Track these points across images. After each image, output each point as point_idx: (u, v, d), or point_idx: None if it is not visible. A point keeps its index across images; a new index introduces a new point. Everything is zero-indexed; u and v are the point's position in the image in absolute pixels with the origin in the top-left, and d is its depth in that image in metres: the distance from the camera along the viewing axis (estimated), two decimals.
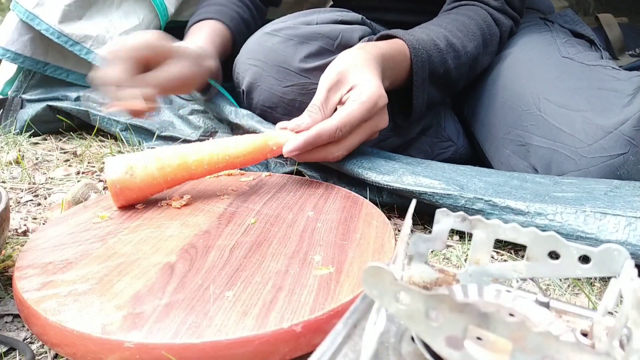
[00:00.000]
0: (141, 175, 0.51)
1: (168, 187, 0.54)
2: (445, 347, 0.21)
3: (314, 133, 0.55)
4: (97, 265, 0.40)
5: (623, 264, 0.26)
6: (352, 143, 0.58)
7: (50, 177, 0.72)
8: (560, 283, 0.47)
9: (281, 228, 0.48)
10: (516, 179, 0.58)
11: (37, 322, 0.35)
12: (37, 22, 0.82)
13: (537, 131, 0.65)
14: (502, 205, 0.51)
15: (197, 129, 0.80)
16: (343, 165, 0.61)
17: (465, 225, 0.29)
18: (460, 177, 0.58)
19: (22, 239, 0.53)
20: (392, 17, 0.87)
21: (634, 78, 0.62)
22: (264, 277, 0.39)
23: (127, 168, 0.51)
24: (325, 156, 0.58)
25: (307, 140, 0.55)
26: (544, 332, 0.19)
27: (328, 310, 0.35)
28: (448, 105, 0.85)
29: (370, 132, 0.59)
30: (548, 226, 0.49)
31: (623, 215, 0.47)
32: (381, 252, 0.44)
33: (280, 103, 0.69)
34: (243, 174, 0.65)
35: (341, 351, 0.24)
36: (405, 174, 0.58)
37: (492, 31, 0.73)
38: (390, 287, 0.21)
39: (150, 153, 0.53)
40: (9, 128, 0.89)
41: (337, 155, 0.58)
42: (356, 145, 0.59)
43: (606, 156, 0.58)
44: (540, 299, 0.28)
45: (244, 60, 0.70)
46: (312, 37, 0.68)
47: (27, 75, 0.91)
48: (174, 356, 0.31)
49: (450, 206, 0.54)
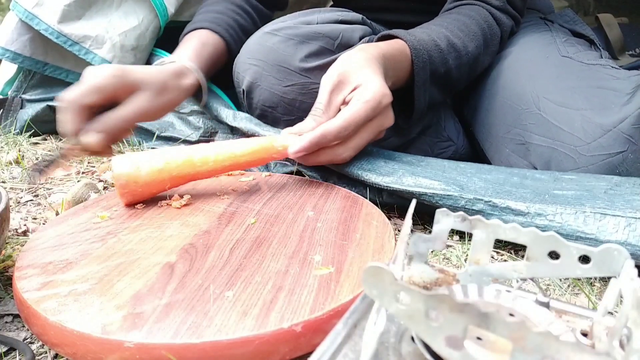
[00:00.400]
0: (147, 171, 0.51)
1: (173, 186, 0.54)
2: (445, 347, 0.21)
3: (319, 133, 0.55)
4: (97, 265, 0.40)
5: (623, 264, 0.26)
6: (358, 143, 0.58)
7: (50, 177, 0.72)
8: (560, 283, 0.48)
9: (281, 228, 0.48)
10: (516, 176, 0.58)
11: (37, 322, 0.35)
12: (37, 22, 0.82)
13: (537, 130, 0.65)
14: (502, 206, 0.51)
15: (197, 129, 0.80)
16: (343, 167, 0.61)
17: (465, 225, 0.29)
18: (460, 176, 0.58)
19: (22, 239, 0.53)
20: (392, 17, 0.87)
21: (633, 77, 0.62)
22: (264, 277, 0.39)
23: (134, 164, 0.51)
24: (333, 158, 0.58)
25: (313, 141, 0.55)
26: (544, 332, 0.19)
27: (328, 310, 0.35)
28: (448, 105, 0.85)
29: (377, 131, 0.59)
30: (548, 227, 0.49)
31: (623, 216, 0.47)
32: (381, 252, 0.44)
33: (281, 103, 0.69)
34: (243, 174, 0.65)
35: (341, 351, 0.24)
36: (405, 175, 0.58)
37: (493, 31, 0.73)
38: (390, 287, 0.21)
39: (156, 151, 0.54)
40: (9, 128, 0.89)
41: (344, 156, 0.58)
42: (363, 145, 0.59)
43: (605, 154, 0.58)
44: (540, 299, 0.28)
45: (244, 59, 0.70)
46: (313, 37, 0.68)
47: (27, 75, 0.90)
48: (174, 356, 0.31)
49: (450, 207, 0.54)
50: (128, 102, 0.58)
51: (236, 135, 0.76)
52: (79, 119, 0.55)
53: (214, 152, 0.55)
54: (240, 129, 0.70)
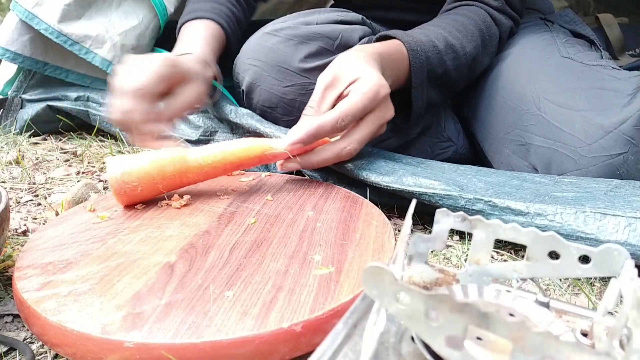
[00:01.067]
0: (137, 174, 0.51)
1: (167, 188, 0.54)
2: (445, 347, 0.21)
3: (315, 124, 0.54)
4: (97, 265, 0.40)
5: (623, 264, 0.26)
6: (361, 135, 0.57)
7: (50, 177, 0.72)
8: (560, 283, 0.48)
9: (281, 228, 0.48)
10: (516, 179, 0.58)
11: (37, 322, 0.35)
12: (37, 21, 0.82)
13: (537, 131, 0.65)
14: (502, 205, 0.51)
15: (197, 128, 0.80)
16: (343, 166, 0.61)
17: (465, 225, 0.29)
18: (460, 177, 0.58)
19: (22, 239, 0.53)
20: (392, 17, 0.87)
21: (634, 78, 0.62)
22: (264, 277, 0.39)
23: (125, 166, 0.51)
24: (338, 153, 0.57)
25: (309, 132, 0.54)
26: (544, 332, 0.19)
27: (328, 310, 0.35)
28: (448, 106, 0.85)
29: (378, 123, 0.58)
30: (548, 227, 0.49)
31: (623, 216, 0.47)
32: (381, 252, 0.44)
33: (280, 103, 0.69)
34: (243, 174, 0.65)
35: (341, 351, 0.24)
36: (405, 174, 0.57)
37: (491, 32, 0.73)
38: (390, 287, 0.21)
39: (149, 153, 0.53)
40: (9, 128, 0.90)
41: (349, 149, 0.57)
42: (367, 139, 0.58)
43: (606, 155, 0.58)
44: (540, 299, 0.28)
45: (244, 60, 0.70)
46: (312, 37, 0.68)
47: (27, 75, 0.91)
48: (174, 356, 0.31)
49: (450, 207, 0.54)
50: (184, 91, 0.61)
51: (236, 135, 0.75)
52: (149, 107, 0.56)
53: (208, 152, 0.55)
54: (242, 125, 0.70)
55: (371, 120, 0.57)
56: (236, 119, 0.71)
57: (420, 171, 0.59)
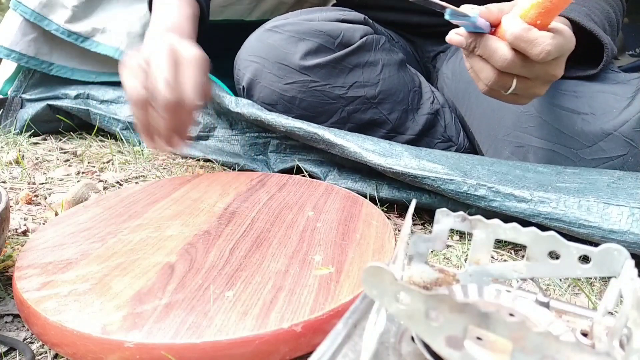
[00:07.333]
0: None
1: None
2: (445, 347, 0.21)
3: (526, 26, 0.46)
4: (97, 265, 0.40)
5: (623, 264, 0.26)
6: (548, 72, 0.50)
7: (50, 177, 0.71)
8: (560, 283, 0.48)
9: (281, 228, 0.48)
10: (518, 169, 0.58)
11: (37, 322, 0.35)
12: (47, 22, 0.83)
13: (537, 133, 0.65)
14: (505, 192, 0.51)
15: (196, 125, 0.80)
16: (346, 148, 0.60)
17: (465, 225, 0.29)
18: (463, 163, 0.58)
19: (22, 239, 0.53)
20: (394, 17, 0.87)
21: (633, 80, 0.62)
22: (264, 277, 0.39)
23: None
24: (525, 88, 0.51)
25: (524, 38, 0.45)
26: (544, 332, 0.19)
27: (328, 310, 0.35)
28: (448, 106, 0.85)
29: (544, 75, 0.51)
30: (551, 214, 0.49)
31: (626, 206, 0.47)
32: (381, 252, 0.44)
33: (281, 100, 0.69)
34: (243, 174, 0.65)
35: (341, 351, 0.24)
36: (409, 157, 0.57)
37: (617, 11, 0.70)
38: (390, 287, 0.21)
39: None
40: (9, 128, 0.89)
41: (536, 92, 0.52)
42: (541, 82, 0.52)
43: (605, 158, 0.58)
44: (540, 299, 0.28)
45: (244, 56, 0.70)
46: (313, 34, 0.68)
47: (27, 74, 0.90)
48: (174, 356, 0.31)
49: (453, 192, 0.53)
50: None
51: (235, 130, 0.75)
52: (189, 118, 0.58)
53: None
54: (243, 114, 0.69)
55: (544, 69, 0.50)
56: (237, 109, 0.69)
57: (424, 155, 0.59)
